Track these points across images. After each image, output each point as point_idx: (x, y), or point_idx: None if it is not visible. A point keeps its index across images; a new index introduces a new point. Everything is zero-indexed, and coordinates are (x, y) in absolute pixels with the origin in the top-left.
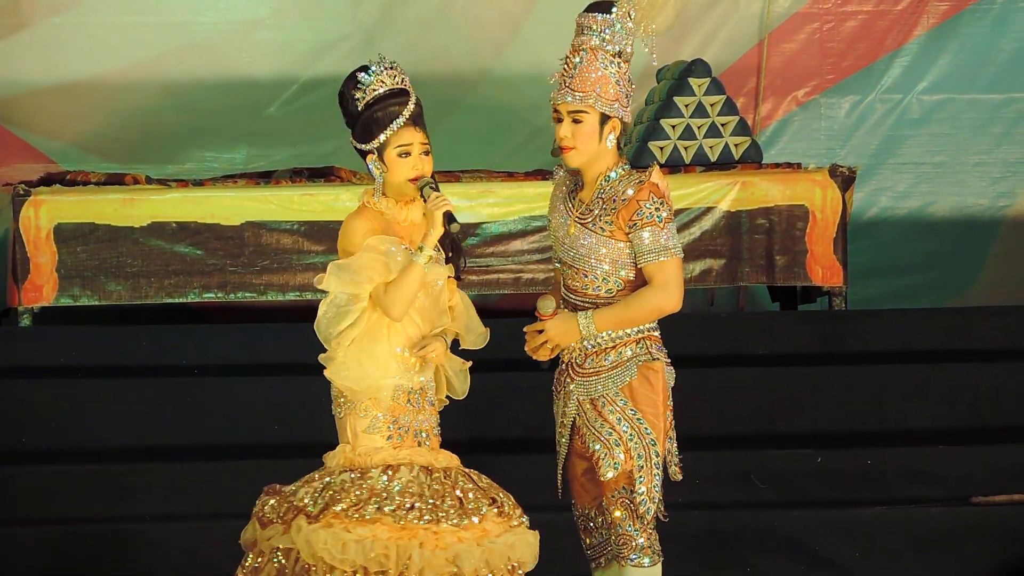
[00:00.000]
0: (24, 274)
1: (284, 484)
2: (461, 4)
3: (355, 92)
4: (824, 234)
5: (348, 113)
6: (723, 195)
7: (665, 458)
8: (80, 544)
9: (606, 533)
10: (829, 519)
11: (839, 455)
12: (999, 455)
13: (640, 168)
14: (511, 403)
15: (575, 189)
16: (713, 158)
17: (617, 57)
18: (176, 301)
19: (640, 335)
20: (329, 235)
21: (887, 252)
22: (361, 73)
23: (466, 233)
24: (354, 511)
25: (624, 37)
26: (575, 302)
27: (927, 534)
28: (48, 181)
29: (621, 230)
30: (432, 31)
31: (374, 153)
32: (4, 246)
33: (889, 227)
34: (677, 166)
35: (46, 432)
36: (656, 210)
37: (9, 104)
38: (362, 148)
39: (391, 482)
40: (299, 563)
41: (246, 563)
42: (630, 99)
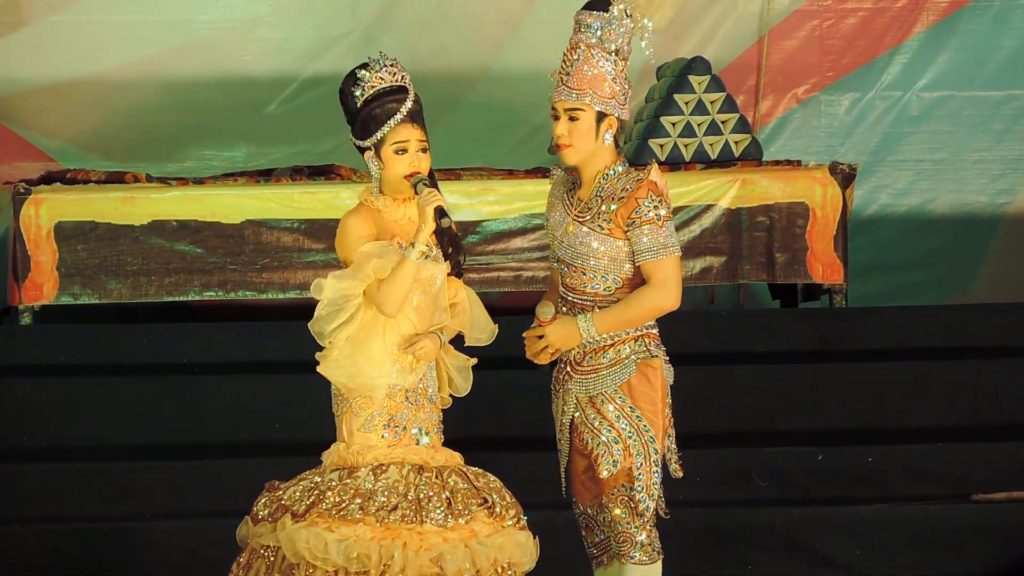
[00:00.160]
0: (24, 272)
1: (284, 481)
2: (460, 2)
3: (354, 89)
4: (824, 231)
5: (347, 110)
6: (723, 193)
7: (664, 456)
8: (80, 542)
9: (607, 531)
10: (829, 517)
11: (839, 453)
12: (999, 452)
13: (639, 166)
14: (511, 401)
15: (573, 187)
16: (713, 155)
17: (614, 55)
18: (176, 299)
19: (638, 333)
20: (329, 233)
21: (887, 249)
22: (361, 70)
23: (466, 231)
24: (337, 510)
25: (621, 34)
26: (574, 300)
27: (927, 532)
28: (48, 179)
29: (619, 228)
30: (431, 29)
31: (371, 150)
32: (4, 244)
33: (889, 224)
34: (677, 164)
35: (46, 430)
36: (654, 208)
37: (9, 102)
38: (360, 145)
39: (377, 481)
40: (285, 561)
41: (241, 559)
42: (628, 97)
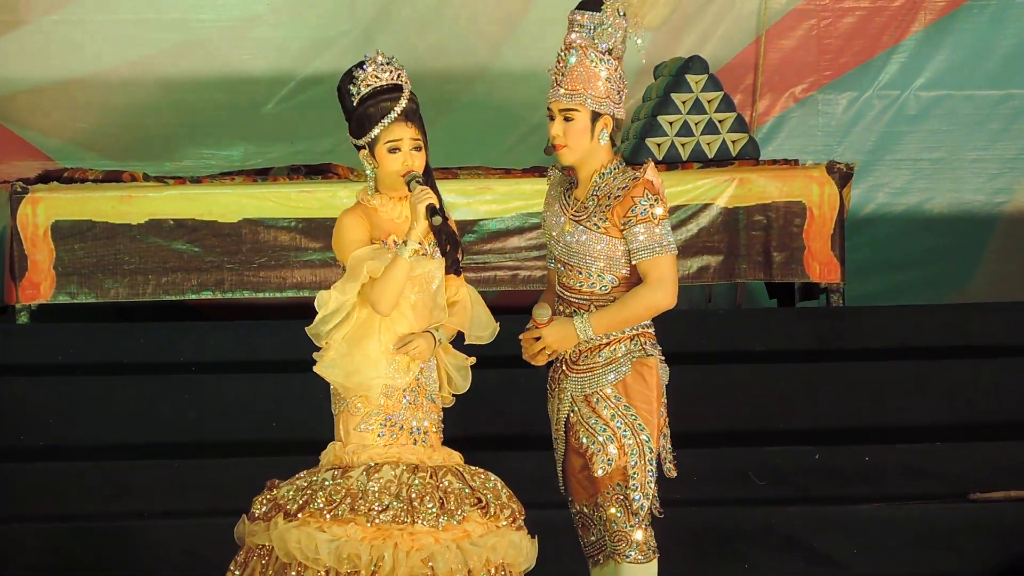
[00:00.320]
0: (22, 271)
1: (283, 480)
2: (458, 2)
3: (351, 87)
4: (821, 230)
5: (344, 108)
6: (720, 192)
7: (659, 455)
8: (78, 541)
9: (603, 530)
10: (827, 516)
11: (837, 452)
12: (997, 451)
13: (635, 165)
14: (508, 400)
15: (570, 187)
16: (710, 155)
17: (608, 54)
18: (174, 298)
19: (634, 332)
20: (327, 232)
21: (884, 248)
22: (358, 69)
23: (463, 230)
24: (328, 510)
25: (614, 34)
26: (570, 300)
27: (925, 531)
28: (46, 178)
29: (616, 227)
30: (429, 28)
31: (366, 148)
32: (1, 243)
33: (886, 223)
34: (674, 163)
35: (44, 429)
36: (650, 207)
37: (6, 101)
38: (356, 143)
39: (369, 481)
40: (278, 561)
41: (239, 558)
42: (623, 95)
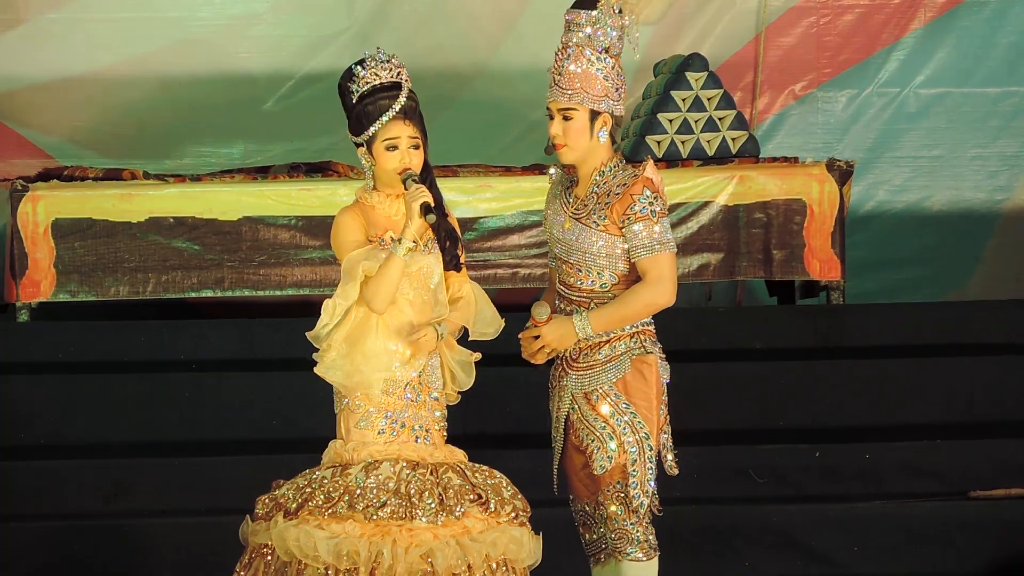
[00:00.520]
0: (22, 270)
1: (287, 480)
2: None
3: (351, 85)
4: (821, 228)
5: (344, 106)
6: (720, 189)
7: (660, 452)
8: (77, 539)
9: (604, 528)
10: (826, 514)
11: (836, 450)
12: (996, 449)
13: (635, 162)
14: (508, 398)
15: (571, 185)
16: (710, 152)
17: (605, 52)
18: (173, 296)
19: (634, 330)
20: (326, 230)
21: (884, 246)
22: (358, 66)
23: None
24: (327, 508)
25: (611, 32)
26: (571, 298)
27: (924, 529)
28: (46, 176)
29: (615, 224)
30: (428, 26)
31: (364, 146)
32: (2, 242)
33: (886, 221)
34: (674, 160)
35: (44, 428)
36: (649, 204)
37: (6, 100)
38: (354, 140)
39: (368, 478)
40: (279, 560)
41: (243, 559)
42: (621, 92)
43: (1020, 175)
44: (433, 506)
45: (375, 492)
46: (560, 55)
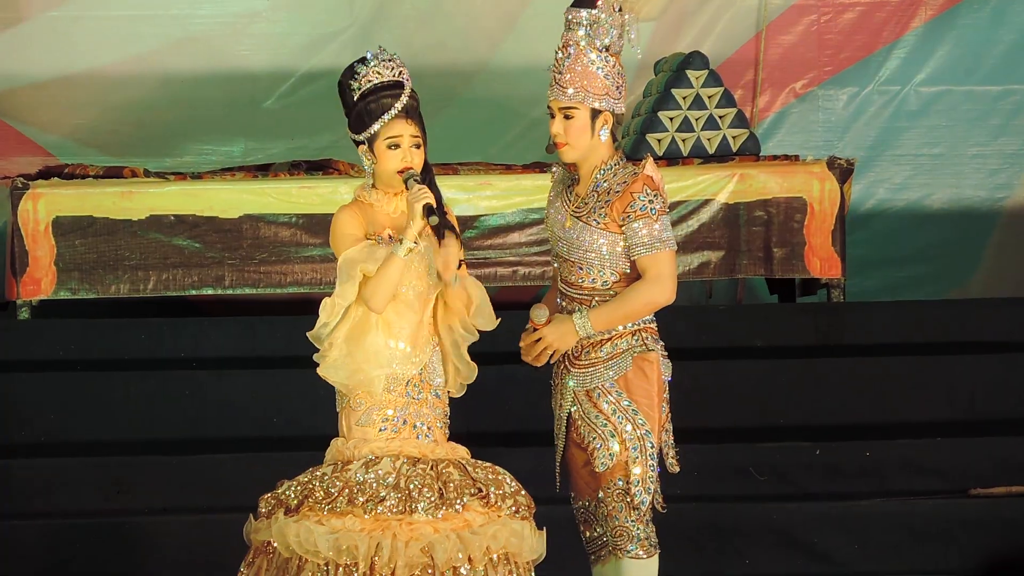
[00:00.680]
0: (22, 267)
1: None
2: None
3: (352, 83)
4: (822, 226)
5: (345, 104)
6: (721, 187)
7: (661, 450)
8: (78, 537)
9: (605, 526)
10: (827, 512)
11: (837, 447)
12: (997, 447)
13: (635, 160)
14: (508, 396)
15: (572, 184)
16: (711, 150)
17: (605, 51)
18: (174, 294)
19: (636, 327)
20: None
21: (885, 244)
22: (359, 64)
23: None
24: (327, 503)
25: (611, 30)
26: (572, 296)
27: (925, 526)
28: (46, 174)
29: (615, 222)
30: (428, 24)
31: (365, 144)
32: (2, 239)
33: (887, 219)
34: (675, 158)
35: (44, 425)
36: (650, 202)
37: (7, 97)
38: (355, 139)
39: (367, 473)
40: (280, 556)
41: (248, 558)
42: (622, 90)
43: (1021, 173)
44: (433, 500)
45: (375, 487)
46: (561, 53)
